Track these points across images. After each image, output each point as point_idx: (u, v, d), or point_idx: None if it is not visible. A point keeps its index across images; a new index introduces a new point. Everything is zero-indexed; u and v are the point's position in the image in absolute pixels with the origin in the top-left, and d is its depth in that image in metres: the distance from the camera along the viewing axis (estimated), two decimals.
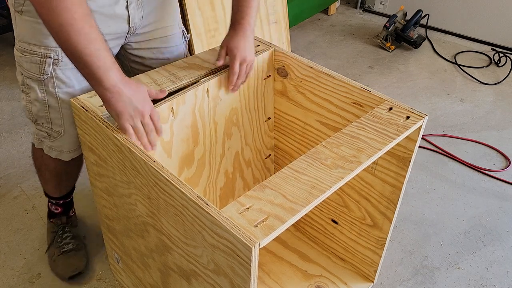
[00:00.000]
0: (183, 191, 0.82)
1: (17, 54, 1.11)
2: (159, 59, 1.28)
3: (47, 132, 1.20)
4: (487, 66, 2.66)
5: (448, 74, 2.60)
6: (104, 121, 0.99)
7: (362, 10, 3.29)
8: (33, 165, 1.38)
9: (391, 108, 1.05)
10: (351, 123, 1.00)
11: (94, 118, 1.00)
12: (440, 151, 2.03)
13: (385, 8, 3.18)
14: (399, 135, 0.97)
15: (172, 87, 1.12)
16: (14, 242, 1.58)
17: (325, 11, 3.23)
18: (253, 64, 1.22)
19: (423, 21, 2.89)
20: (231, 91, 1.23)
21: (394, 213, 1.21)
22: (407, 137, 1.07)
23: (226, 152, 1.34)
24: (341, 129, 1.09)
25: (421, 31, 2.89)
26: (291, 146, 1.43)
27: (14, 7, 1.06)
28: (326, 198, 1.22)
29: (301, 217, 1.25)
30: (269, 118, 1.42)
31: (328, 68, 1.20)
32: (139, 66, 1.29)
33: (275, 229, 0.75)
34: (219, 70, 1.20)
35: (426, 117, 1.03)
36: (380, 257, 1.33)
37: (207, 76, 1.18)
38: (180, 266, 1.00)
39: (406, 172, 1.12)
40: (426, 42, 2.87)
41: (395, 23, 2.77)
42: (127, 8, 1.11)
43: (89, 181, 1.23)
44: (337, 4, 3.29)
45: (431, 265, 1.53)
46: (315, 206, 1.39)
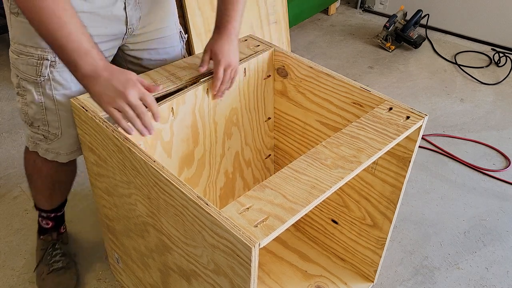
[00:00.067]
0: (183, 191, 0.82)
1: (12, 56, 1.09)
2: (156, 60, 1.28)
3: (44, 135, 1.17)
4: (487, 66, 2.66)
5: (448, 74, 2.60)
6: (104, 121, 0.99)
7: (362, 10, 3.29)
8: (24, 174, 1.33)
9: (391, 108, 1.05)
10: (351, 123, 1.00)
11: (94, 118, 1.00)
12: (440, 151, 2.03)
13: (385, 8, 3.18)
14: (399, 135, 0.97)
15: (172, 87, 1.12)
16: (14, 242, 1.57)
17: (325, 11, 3.22)
18: (238, 70, 1.18)
19: (423, 21, 2.89)
20: (215, 97, 1.19)
21: (394, 213, 1.21)
22: (407, 137, 1.07)
23: (226, 152, 1.34)
24: (341, 129, 1.09)
25: (421, 31, 2.89)
26: (291, 146, 1.43)
27: (10, 9, 1.05)
28: (326, 198, 1.22)
29: (301, 217, 1.25)
30: (269, 118, 1.42)
31: (328, 68, 1.20)
32: (136, 67, 1.28)
33: (275, 229, 0.75)
34: None
35: (426, 117, 1.03)
36: (380, 257, 1.33)
37: (207, 76, 1.17)
38: (180, 266, 1.00)
39: (406, 172, 1.12)
40: (426, 42, 2.87)
41: (395, 23, 2.77)
42: (125, 9, 1.10)
43: (89, 181, 1.23)
44: (337, 4, 3.29)
45: (431, 265, 1.53)
46: (315, 206, 1.39)
